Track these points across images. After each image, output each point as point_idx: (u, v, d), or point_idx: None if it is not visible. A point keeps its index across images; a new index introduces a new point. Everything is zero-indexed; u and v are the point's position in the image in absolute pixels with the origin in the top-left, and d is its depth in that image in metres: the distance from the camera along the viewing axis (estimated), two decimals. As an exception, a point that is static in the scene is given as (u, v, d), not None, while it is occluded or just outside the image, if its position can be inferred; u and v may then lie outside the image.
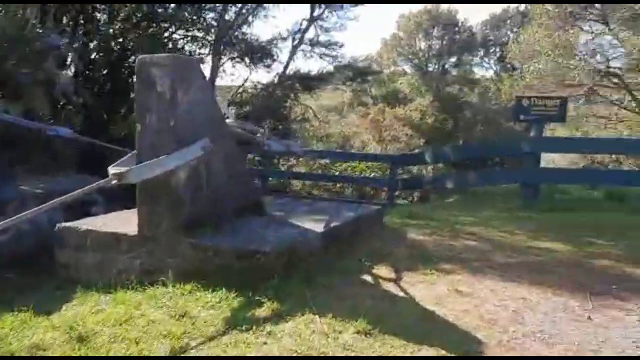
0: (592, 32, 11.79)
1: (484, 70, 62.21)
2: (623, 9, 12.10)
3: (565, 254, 6.80)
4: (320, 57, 27.87)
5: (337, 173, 18.11)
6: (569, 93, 13.29)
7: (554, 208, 9.76)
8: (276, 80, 23.53)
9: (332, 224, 6.42)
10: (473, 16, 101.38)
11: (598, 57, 12.23)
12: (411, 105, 57.13)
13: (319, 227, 6.21)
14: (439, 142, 55.98)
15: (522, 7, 59.30)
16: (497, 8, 64.92)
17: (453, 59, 59.89)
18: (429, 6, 55.98)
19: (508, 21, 60.10)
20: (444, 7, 56.82)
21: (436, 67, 59.88)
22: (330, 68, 29.20)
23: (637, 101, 13.76)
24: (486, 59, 61.88)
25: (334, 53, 30.37)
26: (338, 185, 17.77)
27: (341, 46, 29.23)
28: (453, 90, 58.48)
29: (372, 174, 16.73)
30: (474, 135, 58.47)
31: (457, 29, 58.35)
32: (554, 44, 12.23)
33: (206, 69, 17.78)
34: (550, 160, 18.18)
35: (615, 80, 13.10)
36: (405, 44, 58.55)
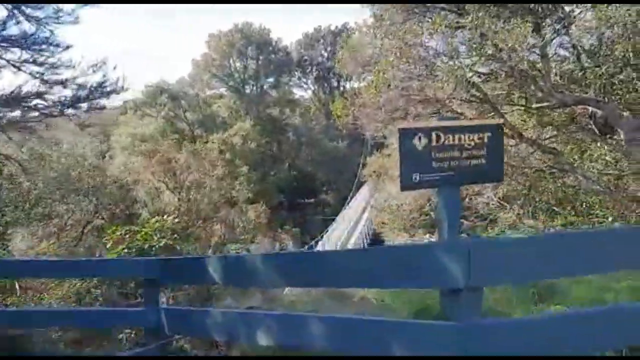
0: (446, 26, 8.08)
1: (302, 90, 60.52)
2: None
3: None
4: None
5: None
6: (425, 111, 9.70)
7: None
8: None
9: None
10: (286, 35, 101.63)
11: (461, 60, 8.68)
12: (231, 130, 53.18)
13: None
14: (264, 167, 53.03)
15: (333, 26, 59.05)
16: (310, 27, 64.02)
17: (271, 80, 57.05)
18: (239, 24, 52.32)
19: (321, 40, 59.33)
20: (257, 25, 53.76)
21: (254, 88, 56.42)
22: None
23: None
24: (304, 79, 60.29)
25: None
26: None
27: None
28: (274, 112, 55.70)
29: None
30: (301, 157, 56.87)
31: (271, 48, 55.61)
32: (401, 43, 8.46)
33: None
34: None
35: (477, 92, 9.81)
36: (219, 65, 54.02)
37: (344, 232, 33.59)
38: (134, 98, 61.07)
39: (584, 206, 11.29)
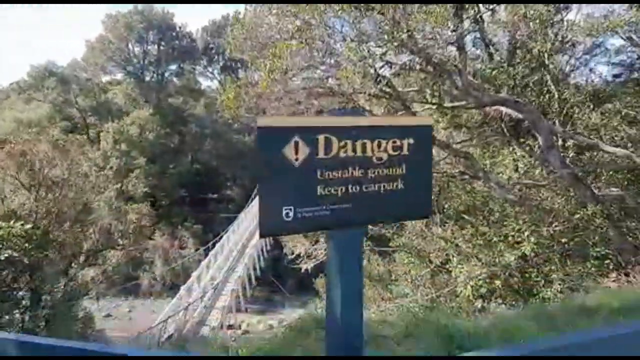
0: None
1: (208, 80, 57.56)
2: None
3: None
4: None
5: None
6: (330, 106, 8.29)
7: None
8: None
9: None
10: (191, 21, 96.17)
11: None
12: (128, 119, 49.23)
13: None
14: (164, 159, 49.64)
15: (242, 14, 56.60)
16: (217, 14, 61.09)
17: (173, 67, 53.62)
18: (140, 6, 48.43)
19: (229, 29, 56.67)
20: (158, 7, 50.07)
21: (155, 75, 52.70)
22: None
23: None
24: (210, 68, 57.34)
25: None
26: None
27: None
28: (176, 101, 52.35)
29: None
30: (204, 150, 53.95)
31: (175, 34, 52.18)
32: (301, 22, 6.93)
33: None
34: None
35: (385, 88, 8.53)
36: (116, 48, 49.77)
37: (244, 233, 31.83)
38: (18, 80, 55.20)
39: (497, 216, 10.43)
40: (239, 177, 50.70)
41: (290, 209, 2.06)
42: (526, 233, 8.90)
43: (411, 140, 2.32)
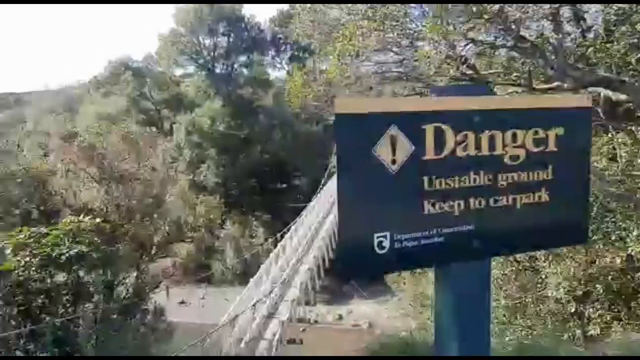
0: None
1: (276, 71, 57.68)
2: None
3: None
4: None
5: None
6: (404, 92, 7.58)
7: None
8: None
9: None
10: (260, 12, 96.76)
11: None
12: (199, 111, 50.24)
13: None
14: (234, 150, 50.32)
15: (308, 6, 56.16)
16: (285, 4, 60.97)
17: (243, 58, 54.07)
18: (209, -3, 49.04)
19: (297, 17, 56.35)
20: (227, -2, 50.47)
21: (224, 67, 53.41)
22: None
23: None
24: (278, 59, 57.44)
25: None
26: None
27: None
28: (245, 92, 52.82)
29: None
30: (273, 141, 54.14)
31: (243, 25, 52.56)
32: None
33: None
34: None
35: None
36: (187, 41, 50.83)
37: (312, 224, 31.52)
38: (97, 75, 57.83)
39: (595, 211, 9.25)
40: (307, 167, 50.50)
41: (385, 237, 1.38)
42: (635, 232, 7.73)
43: (561, 131, 1.56)
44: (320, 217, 33.90)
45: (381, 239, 1.37)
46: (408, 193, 1.40)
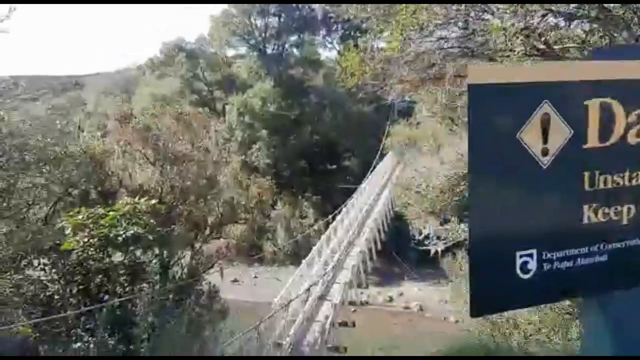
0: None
1: (327, 50, 57.03)
2: None
3: None
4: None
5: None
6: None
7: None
8: None
9: None
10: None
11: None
12: (251, 92, 50.43)
13: None
14: (285, 131, 50.33)
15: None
16: (336, -18, 59.85)
17: (293, 38, 53.70)
18: (261, -23, 48.81)
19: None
20: (279, -22, 50.08)
21: (275, 47, 53.22)
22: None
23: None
24: (329, 38, 56.71)
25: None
26: None
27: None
28: (296, 73, 52.53)
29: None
30: (324, 121, 53.78)
31: (294, 4, 52.08)
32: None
33: None
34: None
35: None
36: (239, 22, 50.91)
37: (364, 206, 31.17)
38: (152, 57, 58.98)
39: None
40: (358, 149, 49.91)
41: (531, 256, 1.00)
42: None
43: None
44: (371, 199, 33.50)
45: (526, 258, 1.00)
46: (563, 195, 1.02)
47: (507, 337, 11.38)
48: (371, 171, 39.06)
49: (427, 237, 12.18)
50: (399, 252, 37.31)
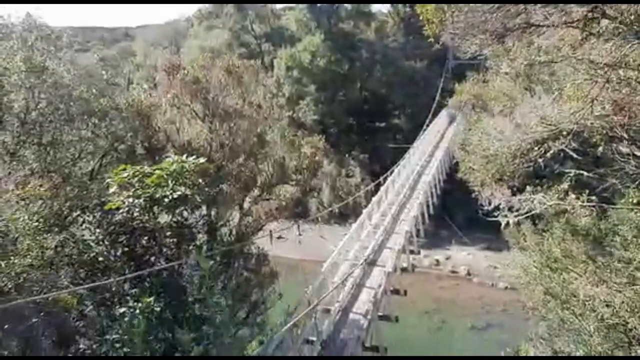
0: None
1: (379, 3, 54.57)
2: None
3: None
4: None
5: None
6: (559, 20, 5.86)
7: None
8: None
9: None
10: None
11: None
12: (300, 45, 48.90)
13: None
14: (334, 86, 48.85)
15: None
16: None
17: (345, -11, 51.43)
18: None
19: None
20: None
21: (326, -1, 51.19)
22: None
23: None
24: (382, -11, 54.09)
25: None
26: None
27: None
28: (346, 26, 50.52)
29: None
30: (373, 77, 51.79)
31: (348, -48, 49.64)
32: None
33: None
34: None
35: None
36: (289, -28, 49.06)
37: (416, 168, 29.92)
38: (200, 8, 58.07)
39: None
40: (409, 106, 48.05)
41: None
42: None
43: None
44: (423, 160, 32.15)
45: None
46: None
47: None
48: (424, 131, 37.46)
49: (497, 208, 11.10)
50: (448, 212, 36.07)
